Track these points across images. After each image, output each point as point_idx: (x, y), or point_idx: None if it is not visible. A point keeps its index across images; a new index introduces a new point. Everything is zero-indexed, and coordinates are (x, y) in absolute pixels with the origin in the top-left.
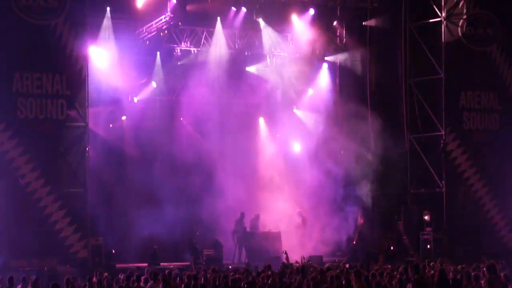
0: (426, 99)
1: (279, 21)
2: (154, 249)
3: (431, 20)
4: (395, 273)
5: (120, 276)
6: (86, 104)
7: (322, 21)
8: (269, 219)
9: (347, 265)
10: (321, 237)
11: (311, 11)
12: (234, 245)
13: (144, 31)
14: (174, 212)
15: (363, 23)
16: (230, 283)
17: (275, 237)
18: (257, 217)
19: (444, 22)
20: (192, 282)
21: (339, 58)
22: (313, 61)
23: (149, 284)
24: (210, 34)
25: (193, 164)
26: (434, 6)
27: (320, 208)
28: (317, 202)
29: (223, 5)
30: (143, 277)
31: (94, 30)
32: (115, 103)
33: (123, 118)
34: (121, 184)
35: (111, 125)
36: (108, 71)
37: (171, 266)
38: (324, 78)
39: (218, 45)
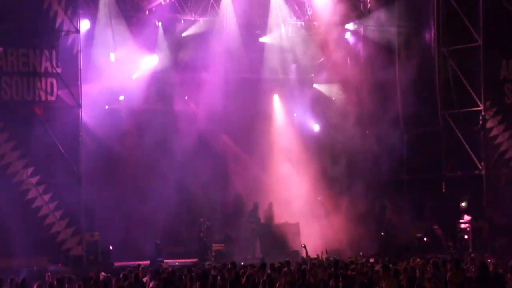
0: (462, 70)
1: None
2: (156, 245)
3: None
4: (428, 267)
5: (121, 275)
6: (79, 83)
7: None
8: (286, 210)
9: (372, 259)
10: (345, 228)
11: None
12: (246, 239)
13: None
14: (178, 202)
15: None
16: (244, 280)
17: (293, 229)
18: (270, 207)
19: None
20: (201, 282)
21: (363, 25)
22: (334, 29)
23: (151, 284)
24: (217, 1)
25: (199, 148)
26: None
27: (344, 196)
28: (340, 189)
29: None
30: (145, 278)
31: (88, 2)
32: (112, 81)
33: (121, 98)
34: (119, 173)
35: (107, 107)
36: (104, 46)
37: (176, 263)
38: (346, 47)
39: (227, 13)
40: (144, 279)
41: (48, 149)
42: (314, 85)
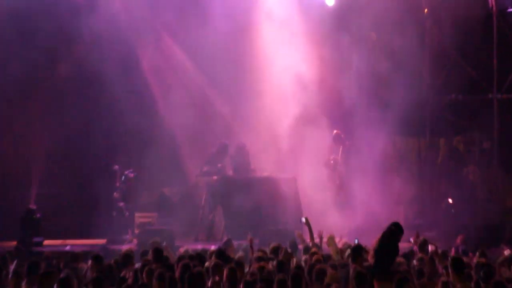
0: None
1: None
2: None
3: None
4: None
5: None
6: None
7: None
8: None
9: (438, 249)
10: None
11: None
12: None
13: None
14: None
15: None
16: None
17: (287, 187)
18: (242, 148)
19: None
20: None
21: None
22: None
23: None
24: None
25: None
26: None
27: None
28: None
29: None
30: None
31: None
32: None
33: None
34: None
35: None
36: None
37: (67, 247)
38: None
39: None
40: None
41: None
42: None
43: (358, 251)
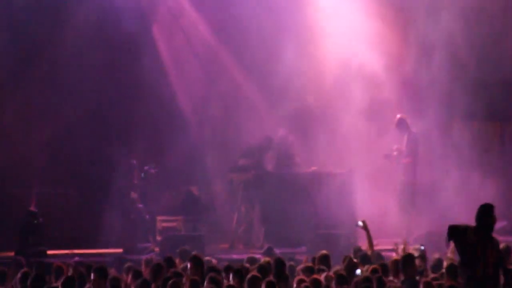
0: None
1: None
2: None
3: None
4: None
5: None
6: None
7: None
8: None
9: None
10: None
11: None
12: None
13: None
14: None
15: None
16: None
17: (341, 182)
18: (285, 137)
19: None
20: None
21: None
22: None
23: None
24: None
25: None
26: None
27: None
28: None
29: None
30: None
31: None
32: None
33: None
34: None
35: None
36: None
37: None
38: None
39: None
40: None
41: None
42: None
43: (409, 260)
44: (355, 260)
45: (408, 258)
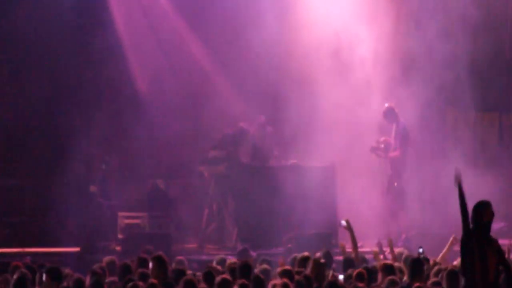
0: None
1: None
2: None
3: None
4: None
5: None
6: None
7: None
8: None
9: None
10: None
11: None
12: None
13: None
14: None
15: None
16: None
17: (323, 177)
18: (263, 126)
19: None
20: None
21: None
22: None
23: None
24: None
25: None
26: None
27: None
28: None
29: None
30: None
31: None
32: None
33: None
34: None
35: None
36: None
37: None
38: None
39: None
40: None
41: None
42: None
43: (418, 266)
44: (322, 261)
45: (416, 262)
